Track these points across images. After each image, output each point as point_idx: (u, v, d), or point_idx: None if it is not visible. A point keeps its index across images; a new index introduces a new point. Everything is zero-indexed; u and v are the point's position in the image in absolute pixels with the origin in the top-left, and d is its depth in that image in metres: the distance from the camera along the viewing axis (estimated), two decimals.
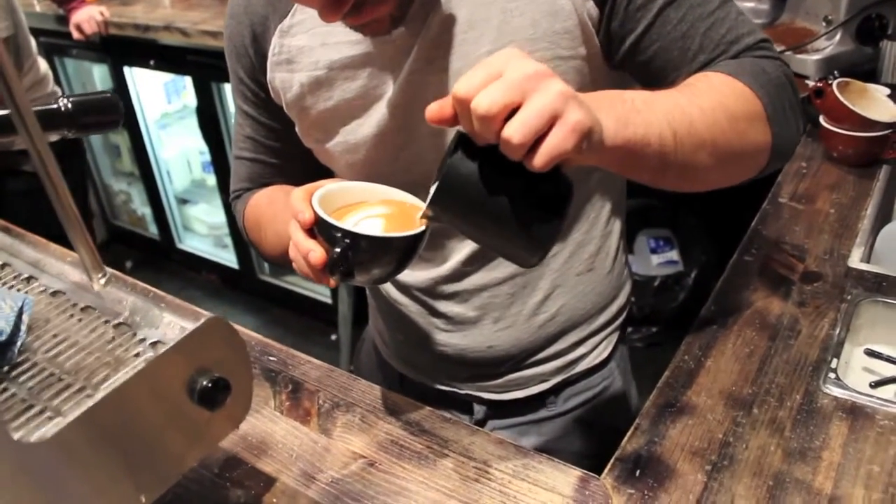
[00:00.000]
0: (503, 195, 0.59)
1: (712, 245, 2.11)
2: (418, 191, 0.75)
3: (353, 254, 0.66)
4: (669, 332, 2.06)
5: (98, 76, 3.22)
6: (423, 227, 0.68)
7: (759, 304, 0.95)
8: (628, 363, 1.11)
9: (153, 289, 0.75)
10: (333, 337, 2.84)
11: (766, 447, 0.76)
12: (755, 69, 0.74)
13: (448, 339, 0.99)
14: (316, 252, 0.68)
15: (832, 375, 0.82)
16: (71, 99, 0.74)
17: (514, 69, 0.55)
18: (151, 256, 3.48)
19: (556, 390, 1.03)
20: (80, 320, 0.72)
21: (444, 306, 0.97)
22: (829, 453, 0.74)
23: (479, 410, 1.06)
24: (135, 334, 0.69)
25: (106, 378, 0.64)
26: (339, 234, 0.66)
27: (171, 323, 0.68)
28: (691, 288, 1.99)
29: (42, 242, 0.84)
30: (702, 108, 0.68)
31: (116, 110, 0.78)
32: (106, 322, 0.71)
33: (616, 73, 0.83)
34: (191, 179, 3.38)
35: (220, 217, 3.11)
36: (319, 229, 0.69)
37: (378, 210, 0.75)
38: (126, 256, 3.49)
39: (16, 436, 0.54)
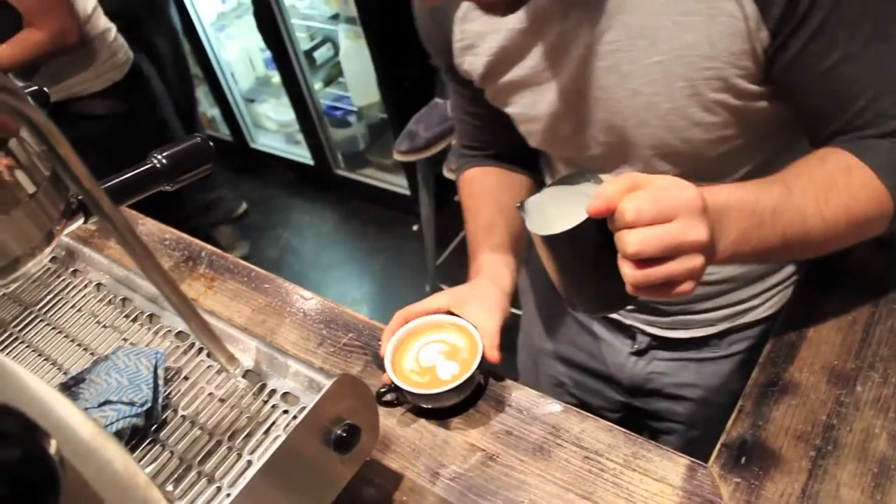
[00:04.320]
0: (595, 270, 0.67)
1: None
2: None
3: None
4: None
5: None
6: (465, 377, 0.85)
7: (861, 257, 0.94)
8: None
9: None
10: (415, 227, 2.90)
11: (871, 430, 0.78)
12: None
13: None
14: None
15: None
16: (164, 154, 0.75)
17: (683, 230, 0.60)
18: (227, 157, 3.54)
19: (721, 335, 1.06)
20: (209, 367, 0.78)
21: None
22: None
23: (642, 340, 1.10)
24: (265, 385, 0.74)
25: (249, 437, 0.70)
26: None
27: (298, 373, 0.73)
28: None
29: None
30: (826, 219, 0.71)
31: (209, 154, 0.79)
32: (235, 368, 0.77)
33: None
34: (255, 77, 3.38)
35: (289, 115, 3.13)
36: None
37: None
38: None
39: None
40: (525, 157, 1.08)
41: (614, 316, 1.10)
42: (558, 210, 0.70)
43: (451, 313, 0.92)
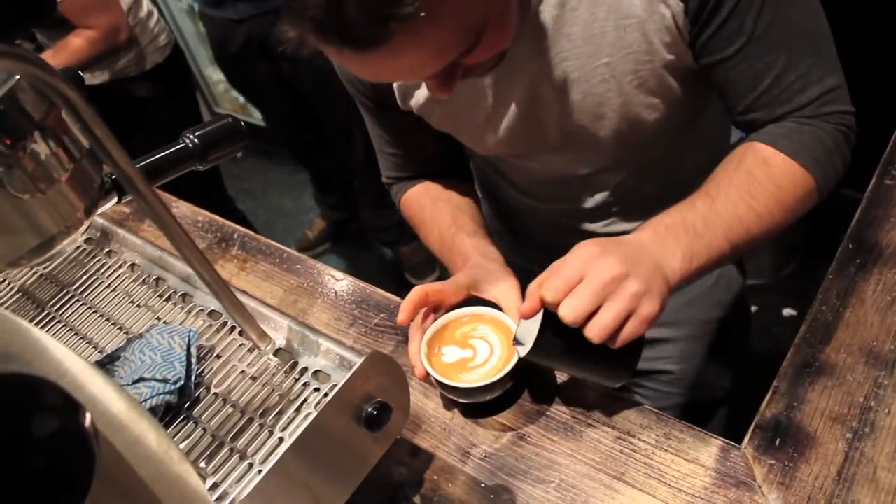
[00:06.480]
0: (584, 358, 0.77)
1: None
2: (552, 187, 1.02)
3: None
4: None
5: None
6: (507, 370, 0.83)
7: None
8: None
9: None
10: None
11: None
12: (813, 144, 0.81)
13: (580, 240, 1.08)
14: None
15: None
16: (196, 134, 0.76)
17: (594, 276, 0.68)
18: (260, 143, 3.56)
19: None
20: (240, 345, 0.79)
21: (583, 225, 1.09)
22: None
23: None
24: (296, 363, 0.75)
25: (281, 414, 0.71)
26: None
27: (329, 351, 0.74)
28: None
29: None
30: (759, 213, 0.79)
31: (240, 135, 0.79)
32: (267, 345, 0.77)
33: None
34: None
35: None
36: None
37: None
38: None
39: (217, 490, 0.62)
40: (453, 167, 1.13)
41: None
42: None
43: (473, 296, 0.92)
